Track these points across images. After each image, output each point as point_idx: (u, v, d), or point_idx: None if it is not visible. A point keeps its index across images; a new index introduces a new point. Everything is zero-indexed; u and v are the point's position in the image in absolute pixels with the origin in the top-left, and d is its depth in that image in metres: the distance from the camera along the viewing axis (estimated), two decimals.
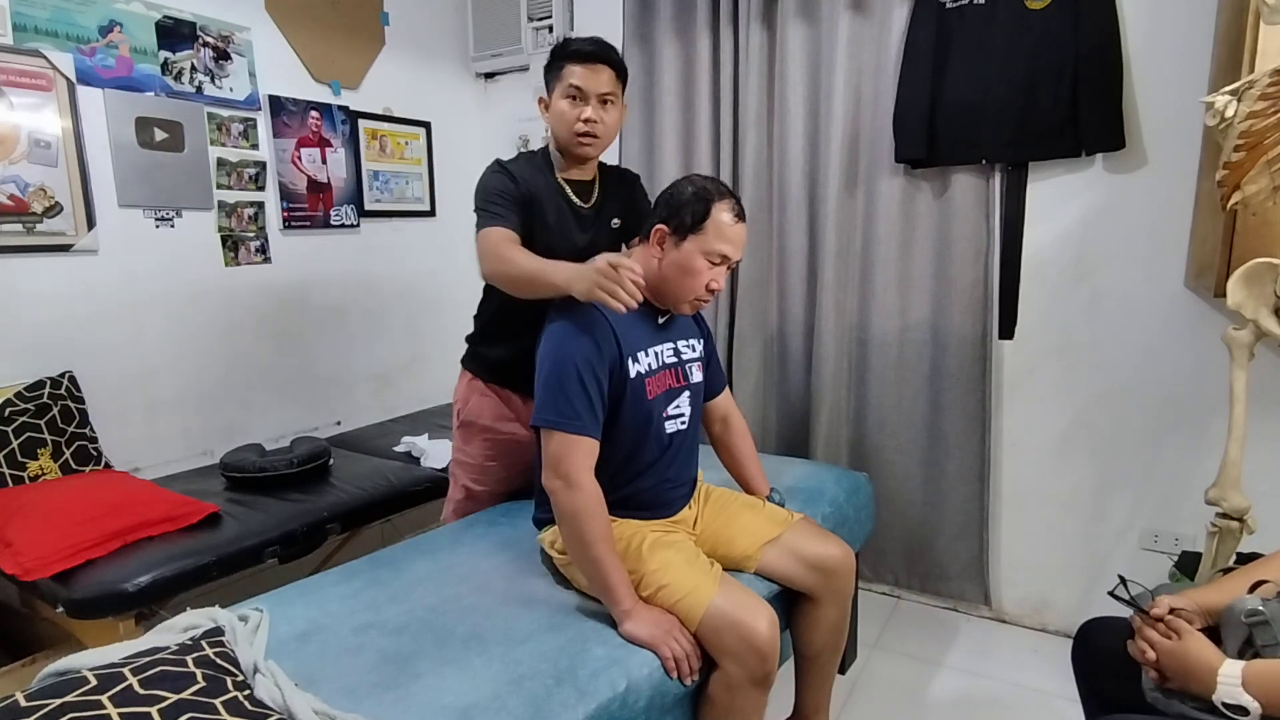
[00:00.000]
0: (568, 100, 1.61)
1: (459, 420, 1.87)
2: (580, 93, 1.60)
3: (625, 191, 1.81)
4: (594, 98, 1.60)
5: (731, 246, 1.43)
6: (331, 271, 2.82)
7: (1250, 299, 1.48)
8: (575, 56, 1.60)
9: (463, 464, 1.90)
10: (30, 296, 2.06)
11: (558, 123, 1.64)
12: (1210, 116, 1.34)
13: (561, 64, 1.62)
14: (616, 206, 1.77)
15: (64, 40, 2.08)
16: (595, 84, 1.60)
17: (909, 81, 2.25)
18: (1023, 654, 2.25)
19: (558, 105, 1.63)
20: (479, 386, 1.83)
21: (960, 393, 2.34)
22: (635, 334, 1.46)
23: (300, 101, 2.66)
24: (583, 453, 1.35)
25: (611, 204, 1.76)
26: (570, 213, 1.69)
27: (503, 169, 1.64)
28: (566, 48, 1.62)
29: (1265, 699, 0.99)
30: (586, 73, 1.59)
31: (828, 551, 1.55)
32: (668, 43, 2.70)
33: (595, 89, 1.60)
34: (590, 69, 1.59)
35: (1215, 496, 1.59)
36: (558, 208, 1.67)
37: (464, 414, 1.85)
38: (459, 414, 1.87)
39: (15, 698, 0.91)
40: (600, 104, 1.61)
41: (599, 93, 1.60)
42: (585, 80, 1.59)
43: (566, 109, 1.61)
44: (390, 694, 1.13)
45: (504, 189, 1.60)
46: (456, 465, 1.92)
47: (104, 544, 1.71)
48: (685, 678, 1.26)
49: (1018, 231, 2.24)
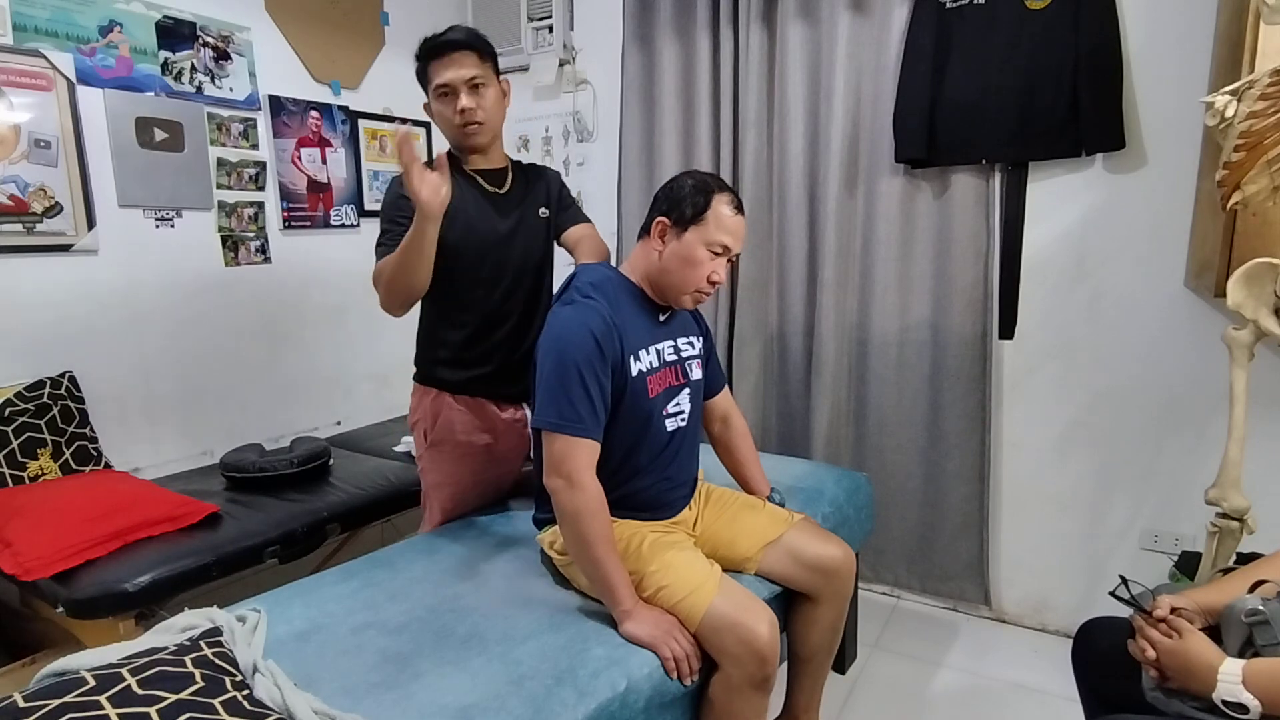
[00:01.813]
0: (440, 100, 1.63)
1: (428, 441, 1.77)
2: (449, 88, 1.61)
3: (546, 185, 1.80)
4: (463, 87, 1.60)
5: (732, 238, 1.43)
6: (331, 271, 2.82)
7: (1250, 299, 1.48)
8: (431, 53, 1.61)
9: (438, 486, 1.80)
10: (30, 296, 2.06)
11: (441, 124, 1.66)
12: (1210, 116, 1.33)
13: (425, 66, 1.63)
14: (541, 196, 1.77)
15: (64, 40, 2.08)
16: (459, 73, 1.59)
17: (909, 81, 2.25)
18: (1023, 654, 2.25)
19: (435, 108, 1.65)
20: (447, 400, 1.74)
21: (960, 393, 2.34)
22: (637, 331, 1.46)
23: (300, 101, 2.66)
24: (585, 453, 1.34)
25: (534, 193, 1.75)
26: (486, 201, 1.69)
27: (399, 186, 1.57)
28: (424, 47, 1.63)
29: (1265, 697, 0.99)
30: (446, 66, 1.60)
31: (828, 553, 1.55)
32: (668, 43, 2.70)
33: (460, 78, 1.60)
34: (448, 60, 1.60)
35: (1215, 496, 1.59)
36: (475, 199, 1.67)
37: (434, 432, 1.76)
38: (426, 434, 1.77)
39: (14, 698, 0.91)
40: (471, 90, 1.61)
41: (466, 80, 1.60)
42: (449, 74, 1.60)
43: (441, 108, 1.64)
44: (390, 694, 1.13)
45: (397, 209, 1.59)
46: (431, 489, 1.82)
47: (104, 544, 1.71)
48: (685, 678, 1.26)
49: (1018, 231, 2.24)
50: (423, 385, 1.79)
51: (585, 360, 1.35)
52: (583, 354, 1.35)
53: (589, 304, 1.41)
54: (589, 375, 1.35)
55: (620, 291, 1.48)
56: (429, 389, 1.77)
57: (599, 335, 1.37)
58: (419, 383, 1.80)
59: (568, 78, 3.03)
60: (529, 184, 1.76)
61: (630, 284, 1.50)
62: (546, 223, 1.77)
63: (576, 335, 1.37)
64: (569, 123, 3.08)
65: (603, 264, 1.57)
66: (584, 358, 1.35)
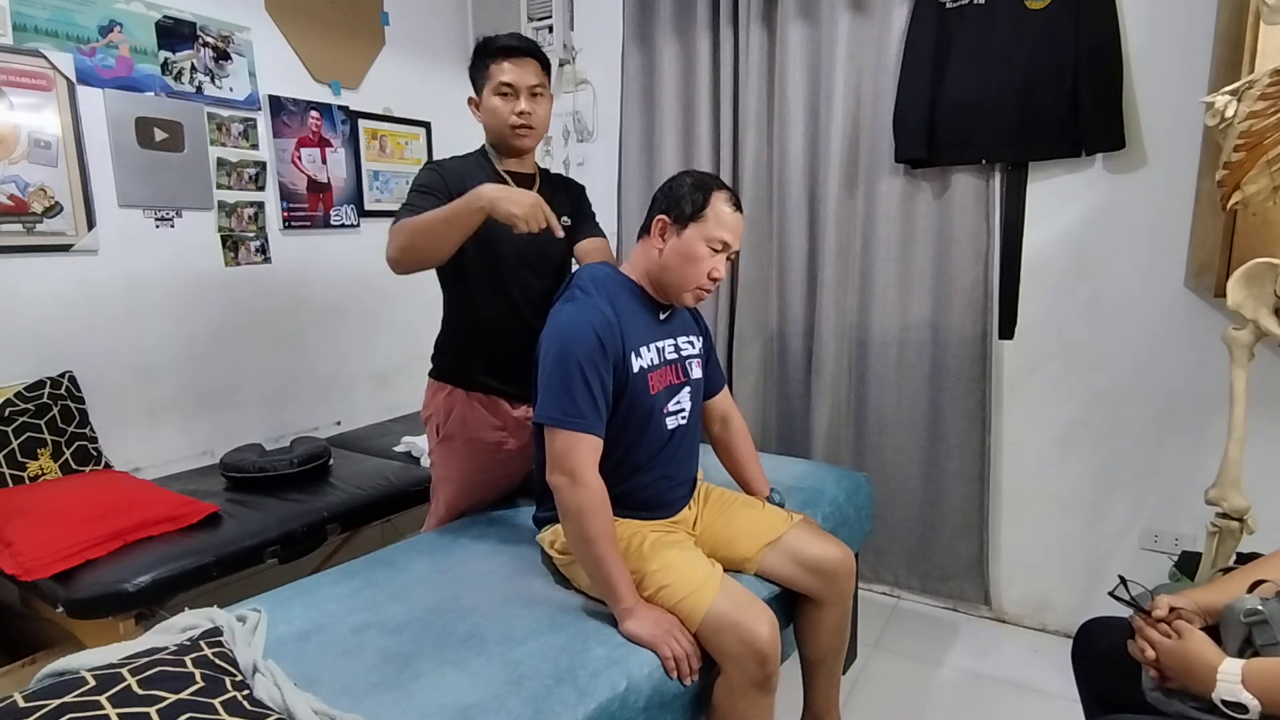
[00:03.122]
0: (499, 97, 1.65)
1: (440, 436, 1.79)
2: (511, 88, 1.64)
3: (572, 196, 1.83)
4: (524, 91, 1.64)
5: (731, 234, 1.44)
6: (331, 271, 2.82)
7: (1250, 299, 1.48)
8: (502, 53, 1.64)
9: (446, 481, 1.82)
10: (30, 296, 2.06)
11: (492, 119, 1.67)
12: (1210, 116, 1.33)
13: (488, 62, 1.65)
14: (566, 206, 1.78)
15: (64, 40, 2.08)
16: (524, 78, 1.64)
17: (909, 81, 2.25)
18: (1023, 654, 2.25)
19: (490, 102, 1.66)
20: (460, 396, 1.76)
21: (960, 393, 2.34)
22: (638, 328, 1.46)
23: (300, 101, 2.66)
24: (587, 450, 1.34)
25: (560, 202, 1.76)
26: None
27: (433, 164, 1.67)
28: (491, 45, 1.66)
29: (1265, 696, 0.99)
30: (515, 68, 1.63)
31: (827, 554, 1.55)
32: (668, 43, 2.70)
33: (525, 82, 1.64)
34: (518, 64, 1.63)
35: (1215, 496, 1.59)
36: None
37: (446, 428, 1.77)
38: (439, 429, 1.78)
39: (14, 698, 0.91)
40: (531, 96, 1.65)
41: (528, 85, 1.64)
42: (515, 75, 1.63)
43: (499, 105, 1.65)
44: (390, 694, 1.13)
45: (428, 183, 1.61)
46: (440, 483, 1.84)
47: (104, 544, 1.71)
48: (685, 678, 1.26)
49: (1018, 231, 2.24)
50: (437, 380, 1.81)
51: (586, 356, 1.35)
52: (584, 349, 1.35)
53: (590, 300, 1.42)
54: (590, 371, 1.35)
55: (620, 289, 1.48)
56: (443, 384, 1.79)
57: (600, 331, 1.37)
58: (434, 378, 1.82)
59: (568, 78, 3.03)
60: (555, 193, 1.77)
61: (630, 282, 1.51)
62: (567, 232, 1.78)
63: (578, 331, 1.37)
64: (569, 123, 3.08)
65: (603, 263, 1.58)
66: (585, 353, 1.35)
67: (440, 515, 1.85)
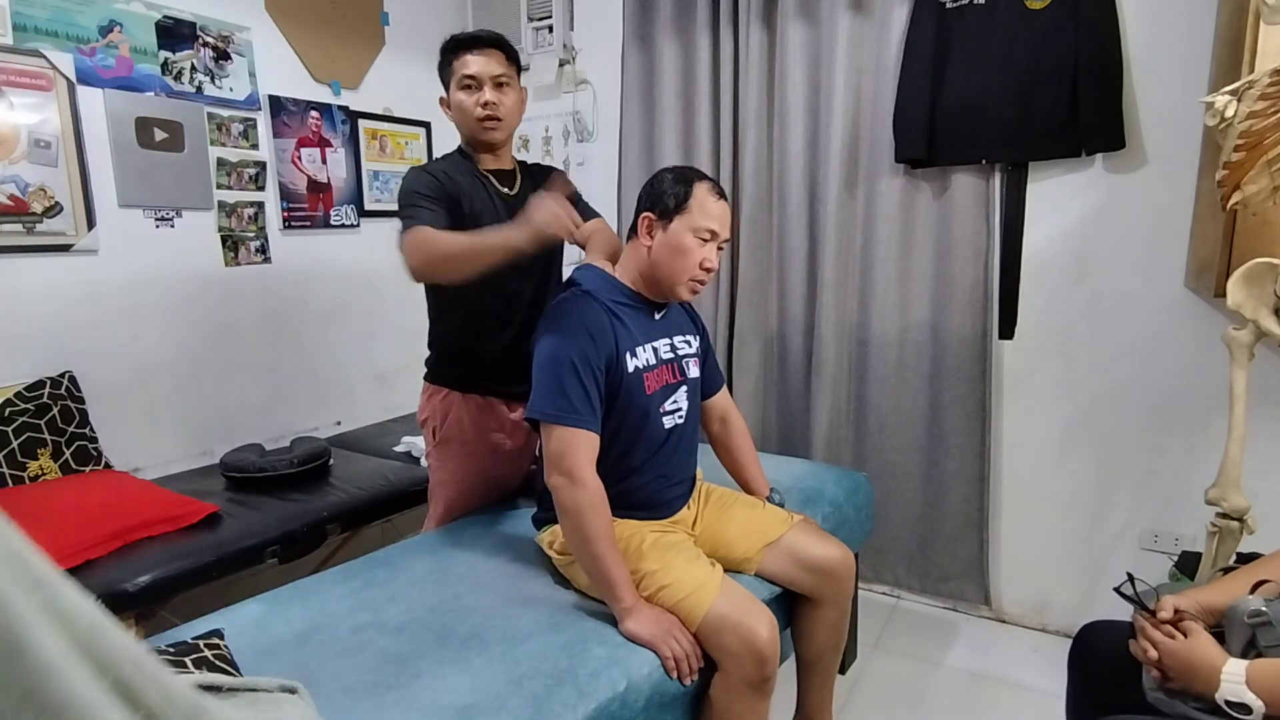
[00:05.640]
0: (464, 91, 1.66)
1: (436, 438, 1.79)
2: (474, 80, 1.64)
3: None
4: (488, 81, 1.64)
5: (717, 222, 1.44)
6: (331, 271, 2.82)
7: (1250, 299, 1.48)
8: (463, 45, 1.65)
9: (444, 484, 1.82)
10: (30, 296, 2.06)
11: (460, 115, 1.68)
12: (1210, 116, 1.33)
13: (451, 57, 1.66)
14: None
15: (64, 40, 2.08)
16: (488, 68, 1.64)
17: (909, 81, 2.25)
18: (1023, 654, 2.25)
19: (456, 98, 1.67)
20: (456, 399, 1.76)
21: (960, 393, 2.34)
22: (633, 329, 1.46)
23: (300, 101, 2.66)
24: (584, 447, 1.35)
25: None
26: (498, 202, 1.70)
27: (423, 169, 1.66)
28: (455, 40, 1.66)
29: (1269, 697, 0.99)
30: (477, 59, 1.64)
31: (827, 554, 1.55)
32: (668, 43, 2.69)
33: (488, 73, 1.64)
34: (481, 54, 1.64)
35: (1215, 496, 1.59)
36: (484, 199, 1.68)
37: (443, 431, 1.77)
38: (435, 432, 1.78)
39: None
40: (496, 87, 1.65)
41: (492, 75, 1.64)
42: (478, 66, 1.64)
43: (464, 99, 1.66)
44: (390, 694, 1.13)
45: (427, 187, 1.60)
46: (437, 487, 1.83)
47: (104, 544, 1.71)
48: (685, 678, 1.26)
49: (1018, 231, 2.24)
50: (432, 384, 1.80)
51: (579, 353, 1.36)
52: (576, 347, 1.36)
53: (584, 300, 1.43)
54: (583, 368, 1.36)
55: (615, 291, 1.49)
56: (439, 387, 1.79)
57: (593, 329, 1.38)
58: (429, 381, 1.81)
59: (568, 78, 3.03)
60: (536, 184, 1.76)
61: (623, 285, 1.51)
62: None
63: (570, 329, 1.38)
64: (569, 123, 3.08)
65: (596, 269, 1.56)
66: (578, 350, 1.36)
67: (439, 518, 1.84)
